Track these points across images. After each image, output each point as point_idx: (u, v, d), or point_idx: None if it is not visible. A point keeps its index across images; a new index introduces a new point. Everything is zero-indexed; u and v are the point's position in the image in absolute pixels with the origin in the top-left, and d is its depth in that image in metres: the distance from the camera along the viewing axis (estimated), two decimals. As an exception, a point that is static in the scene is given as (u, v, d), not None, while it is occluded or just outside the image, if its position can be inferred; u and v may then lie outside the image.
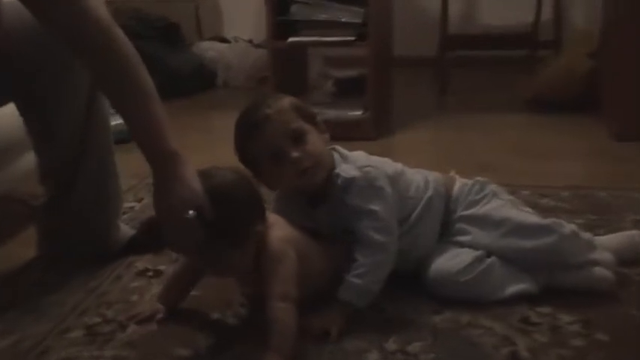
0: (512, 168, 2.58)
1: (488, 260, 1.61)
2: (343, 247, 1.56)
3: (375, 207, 1.54)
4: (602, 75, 3.25)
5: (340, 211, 1.56)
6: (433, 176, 1.71)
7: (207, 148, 3.02)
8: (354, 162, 1.59)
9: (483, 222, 1.65)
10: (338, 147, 1.63)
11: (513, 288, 1.60)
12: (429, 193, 1.66)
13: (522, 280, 1.61)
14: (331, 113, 3.06)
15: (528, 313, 1.54)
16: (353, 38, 2.98)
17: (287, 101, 1.56)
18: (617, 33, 2.99)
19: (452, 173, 1.76)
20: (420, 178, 1.69)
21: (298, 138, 1.52)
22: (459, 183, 1.72)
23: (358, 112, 3.06)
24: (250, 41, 4.41)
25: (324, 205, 1.59)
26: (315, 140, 1.54)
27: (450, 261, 1.60)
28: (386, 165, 1.64)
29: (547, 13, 4.05)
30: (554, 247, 1.60)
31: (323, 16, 2.99)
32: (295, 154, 1.51)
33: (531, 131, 3.13)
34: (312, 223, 1.60)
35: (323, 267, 1.56)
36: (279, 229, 1.51)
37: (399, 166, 1.68)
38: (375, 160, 1.63)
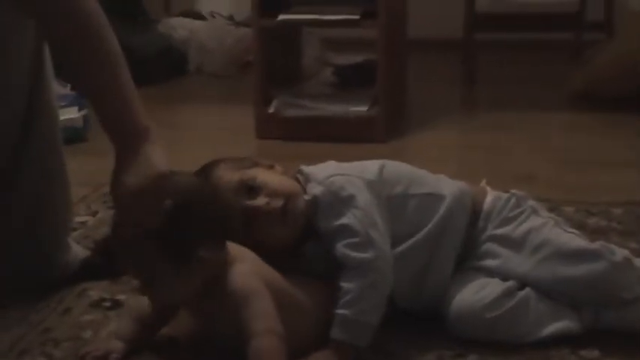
0: (555, 179, 2.62)
1: (522, 293, 1.64)
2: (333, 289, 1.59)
3: (344, 220, 1.58)
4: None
5: (322, 245, 1.61)
6: (457, 185, 1.75)
7: (174, 147, 3.03)
8: (316, 177, 1.64)
9: (518, 244, 1.68)
10: (301, 168, 1.69)
11: (552, 327, 1.63)
12: (447, 195, 1.69)
13: (563, 317, 1.64)
14: (330, 109, 3.10)
15: (570, 359, 1.57)
16: (358, 16, 3.01)
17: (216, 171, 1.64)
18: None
19: (482, 184, 1.80)
20: (436, 183, 1.73)
21: (250, 189, 1.60)
22: (492, 196, 1.75)
23: (364, 108, 3.10)
24: (231, 18, 4.45)
25: (304, 246, 1.64)
26: (267, 177, 1.62)
27: (475, 294, 1.63)
28: (368, 167, 1.68)
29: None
30: (604, 276, 1.63)
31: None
32: (258, 203, 1.59)
33: (578, 134, 3.16)
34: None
35: (308, 317, 1.57)
36: (245, 263, 1.54)
37: (399, 164, 1.73)
38: (350, 166, 1.68)
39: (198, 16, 4.47)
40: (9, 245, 1.84)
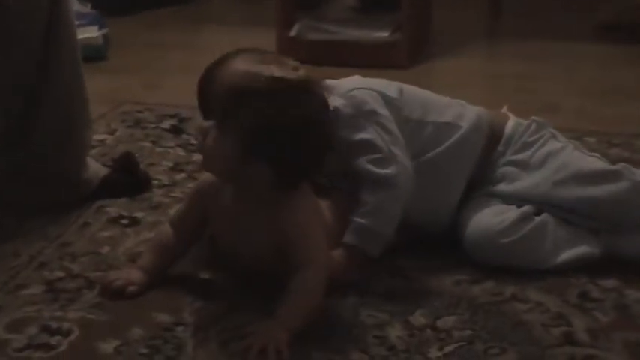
0: (578, 109, 2.60)
1: (539, 218, 1.64)
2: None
3: (366, 135, 1.58)
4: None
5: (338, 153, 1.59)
6: (476, 110, 1.73)
7: (192, 68, 3.01)
8: (338, 90, 1.63)
9: (537, 166, 1.68)
10: (326, 80, 1.66)
11: (570, 252, 1.63)
12: (465, 125, 1.68)
13: (581, 242, 1.64)
14: (352, 34, 3.07)
15: (588, 287, 1.58)
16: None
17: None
18: None
19: (504, 109, 1.79)
20: (455, 106, 1.72)
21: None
22: (513, 122, 1.74)
23: (385, 34, 3.06)
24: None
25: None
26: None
27: (492, 219, 1.63)
28: (390, 86, 1.67)
29: None
30: (625, 196, 1.63)
31: None
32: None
33: (606, 65, 3.13)
34: None
35: (332, 237, 1.58)
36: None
37: (417, 89, 1.72)
38: (372, 81, 1.67)
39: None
40: (31, 161, 1.85)
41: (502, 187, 1.68)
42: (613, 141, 2.28)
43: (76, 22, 1.91)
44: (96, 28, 3.06)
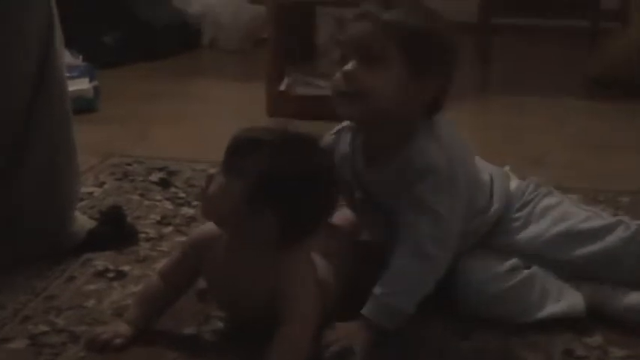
0: (566, 163, 2.61)
1: (528, 271, 1.65)
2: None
3: (442, 210, 1.54)
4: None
5: (396, 187, 1.58)
6: (500, 179, 1.73)
7: (183, 119, 3.05)
8: (441, 140, 1.58)
9: (532, 221, 1.69)
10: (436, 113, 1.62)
11: (556, 307, 1.63)
12: (496, 206, 1.69)
13: (568, 296, 1.64)
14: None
15: (573, 345, 1.57)
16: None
17: (400, 15, 1.55)
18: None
19: (506, 169, 1.80)
20: (485, 185, 1.71)
21: (368, 59, 1.52)
22: (515, 182, 1.76)
23: (376, 88, 3.08)
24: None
25: (380, 166, 1.61)
26: (386, 77, 1.52)
27: (482, 269, 1.64)
28: (468, 148, 1.68)
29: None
30: (614, 252, 1.64)
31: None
32: (346, 68, 1.53)
33: (592, 120, 3.15)
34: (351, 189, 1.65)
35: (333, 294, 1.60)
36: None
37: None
38: (460, 143, 1.65)
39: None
40: (17, 213, 1.85)
41: (497, 240, 1.69)
42: (598, 197, 2.29)
43: (67, 74, 1.92)
44: (87, 80, 3.08)
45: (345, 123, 1.69)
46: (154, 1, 4.10)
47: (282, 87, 3.12)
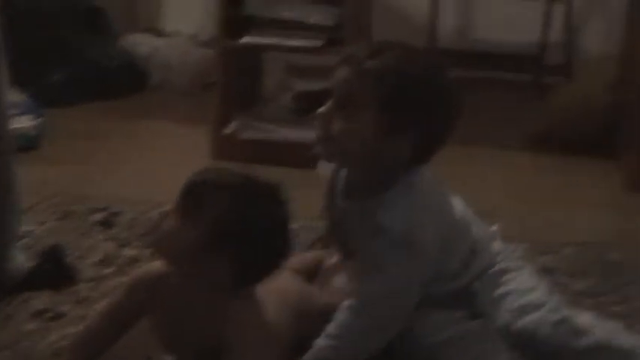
0: (512, 216, 2.62)
1: (473, 322, 1.64)
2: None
3: (395, 271, 1.52)
4: (621, 111, 3.33)
5: (360, 229, 1.57)
6: (482, 254, 1.72)
7: (127, 161, 3.02)
8: (415, 201, 1.56)
9: (497, 301, 1.67)
10: (416, 168, 1.60)
11: None
12: (467, 279, 1.68)
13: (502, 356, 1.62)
14: (288, 134, 3.09)
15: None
16: (321, 43, 3.01)
17: (382, 64, 1.52)
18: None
19: (494, 229, 1.81)
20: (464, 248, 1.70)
21: (345, 105, 1.52)
22: (498, 246, 1.76)
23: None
24: (194, 37, 4.44)
25: (355, 200, 1.60)
26: (359, 125, 1.51)
27: (424, 325, 1.63)
28: (448, 213, 1.65)
29: (556, 33, 4.14)
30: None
31: (287, 15, 3.03)
32: (320, 111, 1.55)
33: (536, 174, 3.18)
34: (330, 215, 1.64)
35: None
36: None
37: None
38: (436, 206, 1.62)
39: (162, 34, 4.45)
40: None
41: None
42: (542, 249, 2.31)
43: (11, 111, 1.90)
44: (30, 117, 3.05)
45: None
46: (104, 41, 4.09)
47: (229, 130, 3.11)
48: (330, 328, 1.53)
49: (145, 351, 1.64)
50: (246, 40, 3.05)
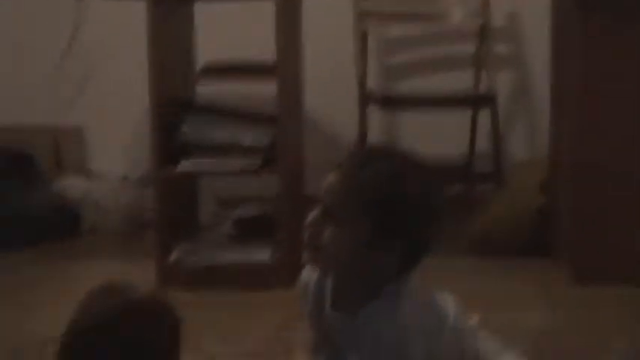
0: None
1: None
2: None
3: None
4: (552, 212, 3.41)
5: (355, 339, 1.55)
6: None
7: (67, 304, 2.94)
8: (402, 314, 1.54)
9: None
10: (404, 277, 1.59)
11: None
12: None
13: None
14: (231, 257, 3.09)
15: None
16: (258, 164, 3.03)
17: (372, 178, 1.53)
18: (566, 164, 3.18)
19: (475, 318, 1.78)
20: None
21: (332, 214, 1.52)
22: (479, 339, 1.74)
23: (265, 257, 3.10)
24: (125, 178, 4.43)
25: (347, 312, 1.57)
26: (345, 235, 1.51)
27: None
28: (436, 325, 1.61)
29: (481, 143, 4.24)
30: None
31: (221, 137, 3.06)
32: (308, 220, 1.54)
33: (478, 278, 3.21)
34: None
35: None
36: None
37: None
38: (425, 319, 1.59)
39: (91, 176, 4.44)
40: None
41: None
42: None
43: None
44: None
45: None
46: (33, 187, 4.06)
47: (172, 258, 3.09)
48: None
49: None
50: (183, 166, 3.06)
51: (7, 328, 2.52)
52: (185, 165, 3.07)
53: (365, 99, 3.99)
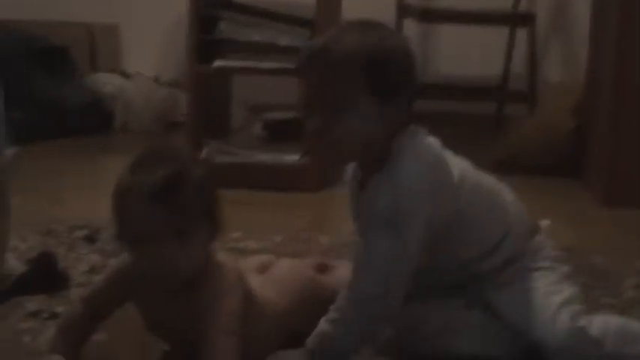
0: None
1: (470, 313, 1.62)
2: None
3: (382, 245, 1.48)
4: (584, 136, 3.41)
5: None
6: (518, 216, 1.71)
7: (94, 196, 3.00)
8: (392, 187, 1.49)
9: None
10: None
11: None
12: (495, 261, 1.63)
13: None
14: (261, 157, 3.11)
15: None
16: (294, 65, 3.03)
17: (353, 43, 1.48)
18: (606, 87, 3.16)
19: (545, 224, 1.78)
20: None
21: (331, 105, 1.47)
22: (540, 237, 1.72)
23: (295, 157, 3.11)
24: (156, 79, 4.45)
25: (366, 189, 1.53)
26: (355, 117, 1.47)
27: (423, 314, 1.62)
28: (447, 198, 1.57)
29: (518, 66, 4.21)
30: None
31: (258, 38, 3.06)
32: (310, 127, 1.47)
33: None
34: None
35: (274, 324, 1.58)
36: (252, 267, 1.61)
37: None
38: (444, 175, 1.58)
39: (125, 75, 4.46)
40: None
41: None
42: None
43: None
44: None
45: None
46: (67, 79, 4.09)
47: (202, 156, 3.12)
48: (332, 311, 1.52)
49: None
50: (217, 64, 3.07)
51: (38, 214, 2.55)
52: (220, 62, 3.07)
53: (402, 10, 3.98)
